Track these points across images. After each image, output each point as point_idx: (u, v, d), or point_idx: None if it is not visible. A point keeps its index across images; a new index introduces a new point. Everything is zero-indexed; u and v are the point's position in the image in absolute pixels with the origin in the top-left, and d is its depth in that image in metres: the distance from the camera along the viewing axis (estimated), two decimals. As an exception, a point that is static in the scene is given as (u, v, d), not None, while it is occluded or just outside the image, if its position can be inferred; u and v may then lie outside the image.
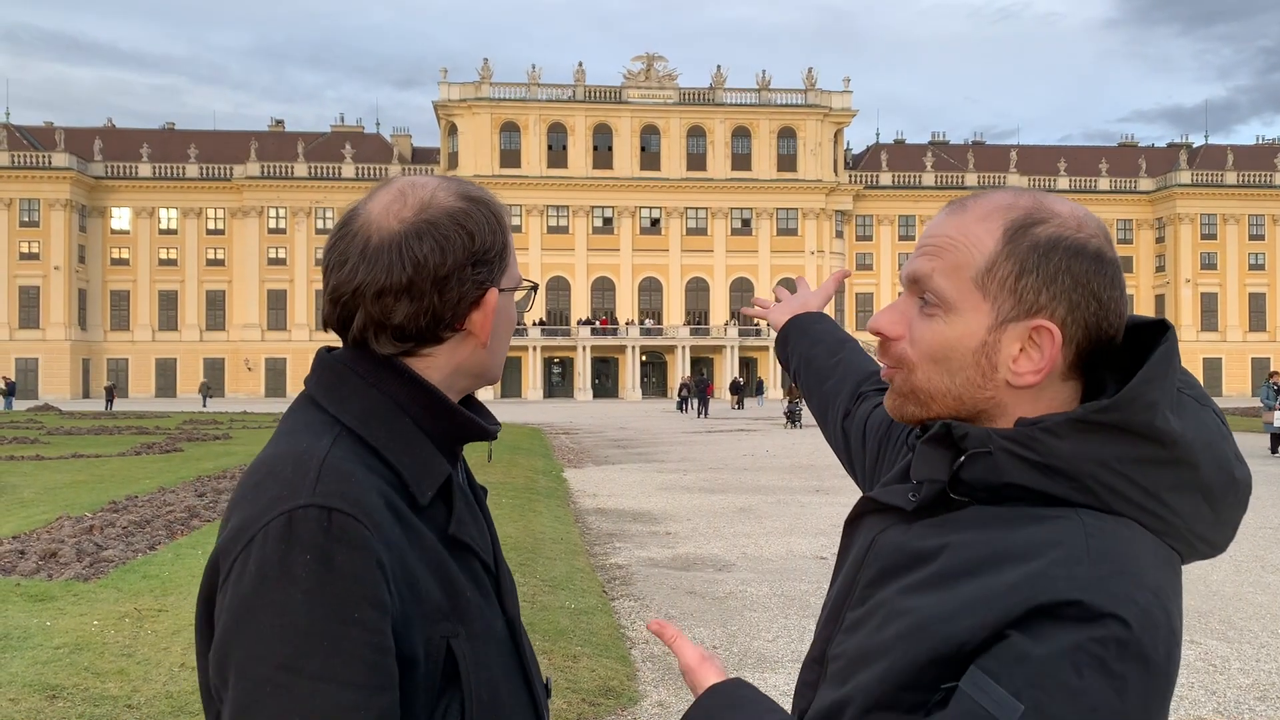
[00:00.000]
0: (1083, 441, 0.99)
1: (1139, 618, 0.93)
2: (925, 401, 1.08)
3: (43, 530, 9.92)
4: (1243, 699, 5.80)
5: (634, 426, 35.75)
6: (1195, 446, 1.01)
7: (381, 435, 1.17)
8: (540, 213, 77.07)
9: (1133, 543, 0.98)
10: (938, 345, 1.06)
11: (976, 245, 1.06)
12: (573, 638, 6.59)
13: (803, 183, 78.31)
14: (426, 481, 1.18)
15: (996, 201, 1.08)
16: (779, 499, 14.70)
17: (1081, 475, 0.99)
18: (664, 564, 9.83)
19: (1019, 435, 1.01)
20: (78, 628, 6.23)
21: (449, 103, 76.50)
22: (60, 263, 72.94)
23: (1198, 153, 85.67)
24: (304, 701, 1.01)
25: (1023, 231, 1.05)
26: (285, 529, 1.05)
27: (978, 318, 1.04)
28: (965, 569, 1.00)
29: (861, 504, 1.20)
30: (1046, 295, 1.03)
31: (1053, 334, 1.02)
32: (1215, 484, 1.02)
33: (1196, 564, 6.48)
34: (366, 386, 1.19)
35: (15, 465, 18.08)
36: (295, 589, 1.03)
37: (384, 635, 1.06)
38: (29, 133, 78.19)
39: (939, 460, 1.06)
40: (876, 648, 1.03)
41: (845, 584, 1.14)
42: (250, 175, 76.64)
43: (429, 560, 1.15)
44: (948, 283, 1.06)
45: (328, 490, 1.07)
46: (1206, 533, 1.04)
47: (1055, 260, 1.03)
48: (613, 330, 74.37)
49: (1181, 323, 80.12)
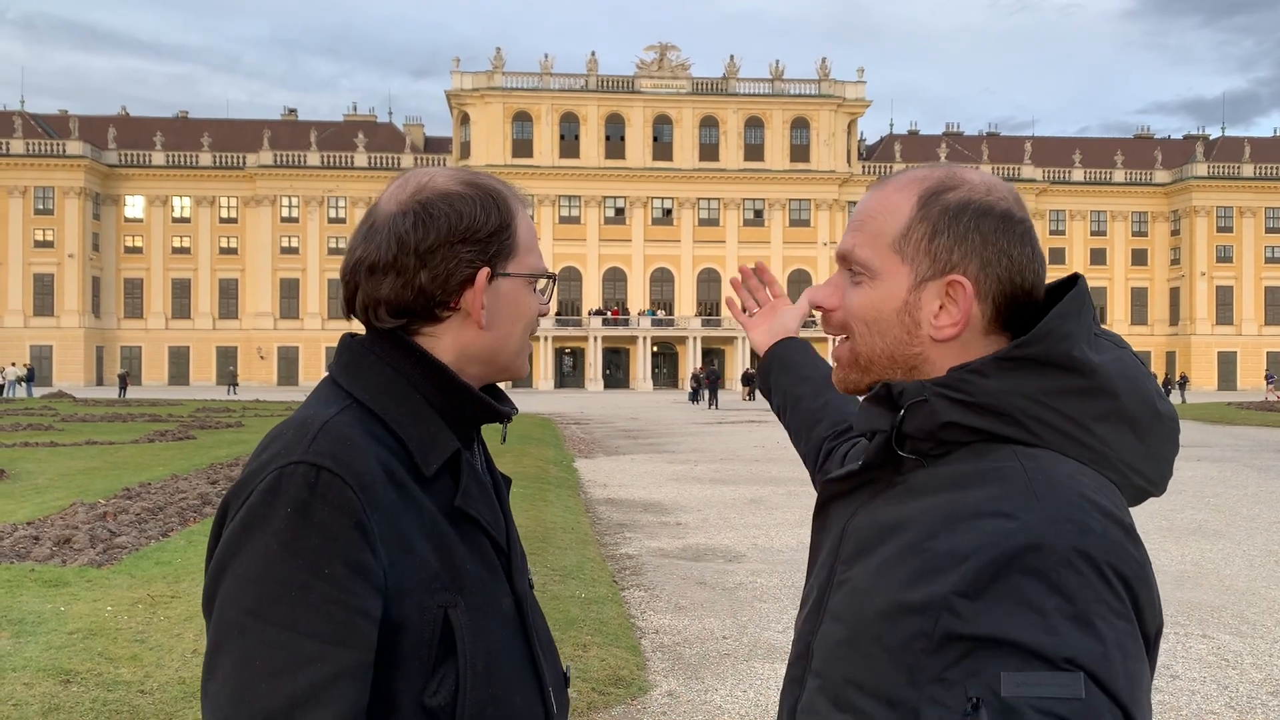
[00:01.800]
0: (1008, 378, 1.06)
1: (1099, 542, 0.96)
2: (865, 366, 1.16)
3: (57, 516, 9.98)
4: (1255, 694, 5.77)
5: (645, 417, 35.75)
6: (1114, 377, 1.07)
7: (391, 409, 1.22)
8: (552, 203, 77.02)
9: (1071, 474, 1.02)
10: (867, 309, 1.14)
11: (893, 213, 1.14)
12: (583, 627, 6.60)
13: (816, 173, 78.07)
14: (433, 454, 1.22)
15: (912, 174, 1.17)
16: (790, 490, 14.68)
17: (1011, 410, 1.05)
18: (674, 554, 9.84)
19: (949, 379, 1.08)
20: (91, 613, 6.27)
21: (461, 92, 76.46)
22: (74, 250, 73.26)
23: (1214, 145, 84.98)
24: (266, 647, 1.05)
25: (935, 197, 1.13)
26: (275, 482, 1.10)
27: (898, 280, 1.12)
28: (925, 538, 1.02)
29: (824, 488, 1.24)
30: (959, 253, 1.11)
31: (964, 287, 1.10)
32: (1139, 415, 1.07)
33: (1210, 558, 6.43)
34: (381, 365, 1.25)
35: (30, 451, 18.19)
36: (273, 539, 1.07)
37: (355, 595, 1.08)
38: (44, 121, 78.48)
39: (880, 415, 1.13)
40: (855, 630, 1.05)
41: (825, 576, 1.16)
42: (263, 164, 76.78)
43: (428, 530, 1.18)
44: (869, 251, 1.14)
45: (320, 450, 1.12)
46: (1138, 464, 1.08)
47: (965, 220, 1.11)
48: (624, 321, 74.34)
49: (1196, 316, 79.71)
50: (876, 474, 1.16)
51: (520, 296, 1.31)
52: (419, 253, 1.24)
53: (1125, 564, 0.97)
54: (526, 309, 1.32)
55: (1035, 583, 0.94)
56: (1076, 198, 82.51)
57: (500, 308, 1.30)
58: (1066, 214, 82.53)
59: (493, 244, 1.28)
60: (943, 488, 1.06)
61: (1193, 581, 8.74)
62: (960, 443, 1.08)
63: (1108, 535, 0.97)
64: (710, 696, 5.58)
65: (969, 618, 0.96)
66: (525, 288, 1.32)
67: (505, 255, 1.29)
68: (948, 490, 1.05)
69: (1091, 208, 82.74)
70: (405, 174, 1.32)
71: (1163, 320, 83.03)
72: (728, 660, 6.27)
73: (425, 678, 1.15)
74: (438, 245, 1.25)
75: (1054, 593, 0.94)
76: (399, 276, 1.25)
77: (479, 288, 1.26)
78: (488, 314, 1.28)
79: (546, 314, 1.43)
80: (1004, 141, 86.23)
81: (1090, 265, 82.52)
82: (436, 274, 1.25)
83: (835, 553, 1.15)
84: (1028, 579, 0.95)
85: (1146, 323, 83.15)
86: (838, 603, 1.11)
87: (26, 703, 4.76)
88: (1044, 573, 0.95)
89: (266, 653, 1.05)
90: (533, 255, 1.32)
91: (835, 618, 1.10)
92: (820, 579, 1.17)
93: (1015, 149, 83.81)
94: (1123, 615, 0.95)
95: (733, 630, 6.98)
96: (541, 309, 1.36)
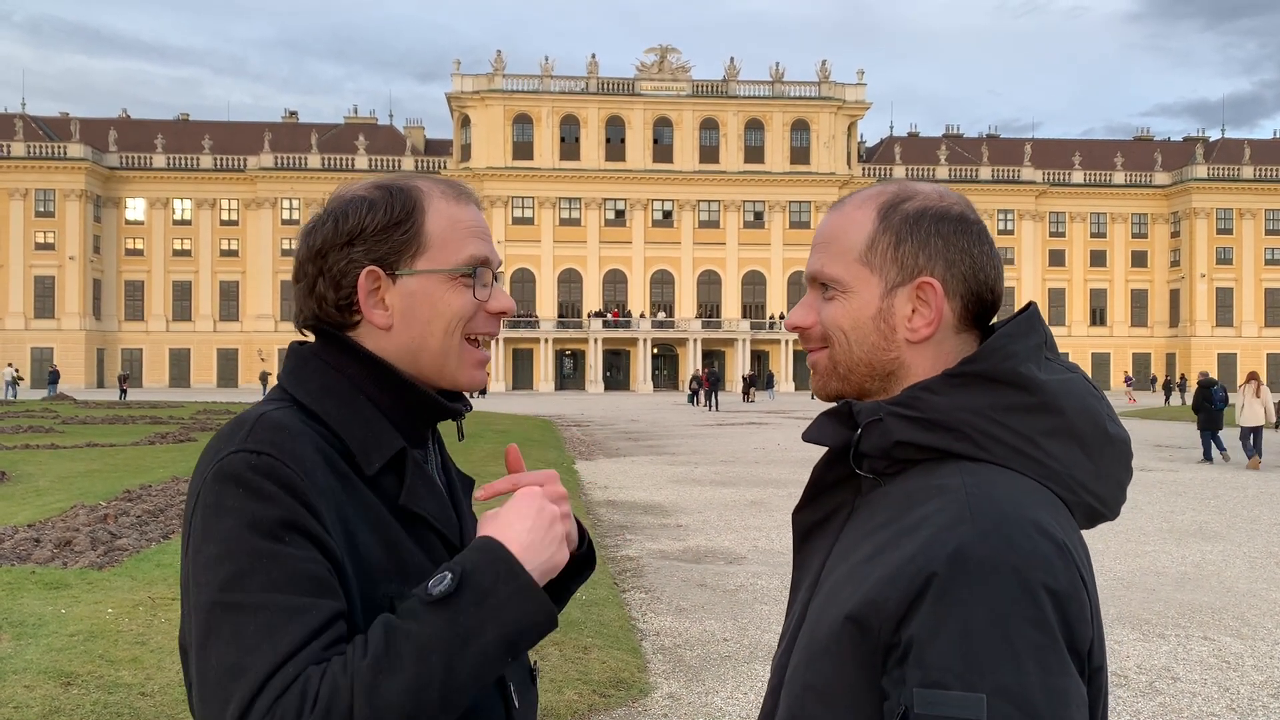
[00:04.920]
0: (957, 394, 1.10)
1: (1027, 557, 0.98)
2: (845, 375, 1.19)
3: (57, 519, 9.98)
4: (1256, 696, 5.77)
5: (645, 419, 35.75)
6: (1060, 395, 1.10)
7: (333, 410, 1.22)
8: (553, 205, 77.04)
9: (1012, 487, 1.05)
10: (844, 320, 1.18)
11: (857, 229, 1.19)
12: (584, 629, 6.60)
13: (816, 175, 78.08)
14: (376, 453, 1.21)
15: (867, 193, 1.22)
16: (790, 492, 14.68)
17: (960, 425, 1.09)
18: (675, 556, 9.84)
19: (902, 398, 1.12)
20: (92, 615, 6.27)
21: (462, 94, 76.49)
22: (75, 253, 73.27)
23: (1214, 146, 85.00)
24: (253, 614, 1.05)
25: (893, 209, 1.18)
26: (218, 473, 1.11)
27: (870, 289, 1.17)
28: (873, 554, 1.06)
29: (795, 521, 1.26)
30: (924, 257, 1.16)
31: (934, 287, 1.15)
32: (1087, 433, 1.10)
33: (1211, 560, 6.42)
34: (324, 367, 1.25)
35: (31, 454, 18.19)
36: (229, 518, 1.08)
37: (319, 563, 1.09)
38: (44, 123, 78.52)
39: (832, 430, 1.17)
40: (811, 647, 1.09)
41: (800, 611, 1.18)
42: (264, 166, 76.81)
43: (372, 522, 1.18)
44: (838, 267, 1.18)
45: (257, 439, 1.13)
46: (1088, 482, 1.10)
47: (925, 226, 1.16)
48: (625, 323, 74.34)
49: (1196, 318, 79.68)
50: (840, 498, 1.20)
51: (437, 294, 1.25)
52: (313, 259, 1.25)
53: (1054, 580, 0.98)
54: (447, 307, 1.25)
55: (958, 597, 0.97)
56: (1076, 200, 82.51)
57: (412, 308, 1.25)
58: (1066, 216, 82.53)
59: (384, 242, 1.24)
60: (894, 505, 1.10)
61: (1194, 583, 8.74)
62: (914, 461, 1.12)
63: (1038, 550, 0.98)
64: (711, 699, 5.58)
65: (900, 630, 0.99)
66: (446, 284, 1.25)
67: (407, 252, 1.24)
68: (898, 507, 1.09)
69: (1091, 210, 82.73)
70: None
71: (1162, 322, 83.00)
72: (729, 662, 6.27)
73: None
74: (328, 248, 1.24)
75: (975, 606, 0.96)
76: (302, 281, 1.27)
77: (362, 288, 1.24)
78: (394, 315, 1.24)
79: (505, 311, 1.31)
80: (1004, 144, 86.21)
81: (1090, 267, 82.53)
82: (331, 278, 1.24)
83: (812, 587, 1.17)
84: (951, 593, 0.97)
85: (1146, 324, 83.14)
86: (805, 630, 1.13)
87: (27, 705, 4.76)
88: (967, 587, 0.97)
89: (256, 618, 1.05)
90: (452, 250, 1.26)
91: (802, 644, 1.13)
92: (797, 612, 1.19)
93: (1015, 151, 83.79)
94: (1046, 631, 0.96)
95: (733, 632, 6.98)
96: (488, 306, 1.28)
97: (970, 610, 0.96)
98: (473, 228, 1.29)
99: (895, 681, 0.99)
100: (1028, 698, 0.94)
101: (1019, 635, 0.95)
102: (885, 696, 1.00)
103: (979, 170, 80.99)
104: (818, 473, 1.21)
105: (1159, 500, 14.22)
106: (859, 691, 1.03)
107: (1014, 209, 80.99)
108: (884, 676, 1.00)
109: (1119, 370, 79.69)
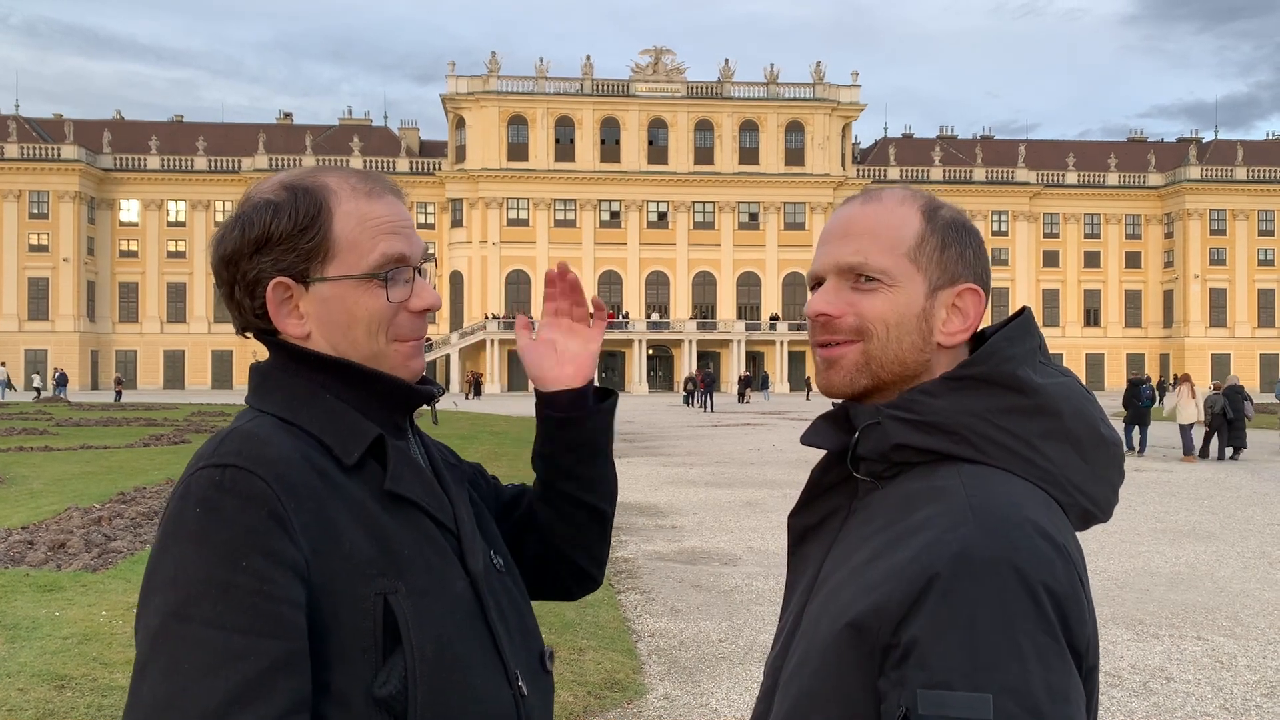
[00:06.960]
0: (955, 397, 1.11)
1: (1028, 558, 0.99)
2: (877, 371, 1.17)
3: (51, 521, 9.96)
4: (1250, 695, 5.79)
5: (640, 420, 35.74)
6: (1056, 397, 1.12)
7: (302, 413, 1.20)
8: (547, 206, 77.03)
9: (1009, 489, 1.06)
10: (890, 313, 1.16)
11: (904, 225, 1.18)
12: (579, 630, 6.61)
13: (810, 176, 78.14)
14: (352, 443, 1.19)
15: (900, 192, 1.23)
16: (785, 493, 14.69)
17: (958, 428, 1.10)
18: (670, 557, 9.84)
19: (900, 401, 1.13)
20: (86, 618, 6.26)
21: (457, 96, 76.45)
22: (69, 255, 73.09)
23: (1207, 148, 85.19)
24: (194, 648, 1.02)
25: (934, 213, 1.20)
26: (184, 492, 1.10)
27: (915, 287, 1.16)
28: (872, 558, 1.07)
29: (790, 524, 1.27)
30: (962, 264, 1.18)
31: (979, 295, 1.18)
32: (1082, 435, 1.12)
33: (1204, 560, 6.44)
34: (284, 377, 1.23)
35: (25, 456, 18.15)
36: (186, 542, 1.06)
37: (277, 585, 1.06)
38: (38, 125, 78.32)
39: (829, 434, 1.19)
40: (809, 651, 1.09)
41: (797, 613, 1.18)
42: (258, 168, 76.64)
43: (358, 517, 1.15)
44: (887, 259, 1.16)
45: (227, 451, 1.12)
46: (1083, 484, 1.12)
47: (963, 235, 1.20)
48: (620, 324, 74.34)
49: (1190, 319, 79.85)
50: (836, 501, 1.20)
51: (350, 299, 1.22)
52: (225, 266, 1.23)
53: (1054, 580, 0.99)
54: (364, 312, 1.22)
55: (961, 597, 0.97)
56: (1070, 201, 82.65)
57: (328, 315, 1.22)
58: (1060, 217, 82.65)
59: (291, 250, 1.20)
60: (893, 508, 1.10)
61: (1187, 583, 8.76)
62: (910, 464, 1.12)
63: (1038, 552, 0.99)
64: (706, 700, 5.59)
65: (900, 632, 0.99)
66: (358, 289, 1.21)
67: (315, 259, 1.21)
68: (897, 510, 1.09)
69: (1085, 211, 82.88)
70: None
71: (1156, 323, 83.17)
72: (723, 663, 6.28)
73: (374, 669, 1.11)
74: (238, 257, 1.22)
75: (980, 607, 0.97)
76: (223, 290, 1.25)
77: (271, 300, 1.21)
78: (310, 323, 1.22)
79: (429, 307, 1.26)
80: (998, 145, 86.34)
81: (1084, 268, 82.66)
82: (245, 286, 1.22)
83: (809, 590, 1.17)
84: (954, 593, 0.98)
85: (1140, 325, 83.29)
86: (801, 634, 1.13)
87: (21, 708, 4.75)
88: (970, 588, 0.98)
89: (195, 654, 1.02)
90: (362, 252, 1.21)
91: (799, 648, 1.13)
92: (793, 615, 1.19)
93: (1009, 152, 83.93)
94: (1047, 630, 0.97)
95: (728, 633, 6.99)
96: (409, 305, 1.24)
97: (975, 611, 0.97)
98: (385, 223, 1.23)
99: (894, 683, 0.99)
100: (1033, 697, 0.95)
101: (1024, 636, 0.96)
102: (882, 698, 1.00)
103: (973, 171, 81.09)
104: (815, 476, 1.22)
105: (1152, 501, 14.25)
106: (856, 695, 1.03)
107: (1008, 210, 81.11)
108: (881, 678, 1.00)
109: (1113, 371, 79.80)
